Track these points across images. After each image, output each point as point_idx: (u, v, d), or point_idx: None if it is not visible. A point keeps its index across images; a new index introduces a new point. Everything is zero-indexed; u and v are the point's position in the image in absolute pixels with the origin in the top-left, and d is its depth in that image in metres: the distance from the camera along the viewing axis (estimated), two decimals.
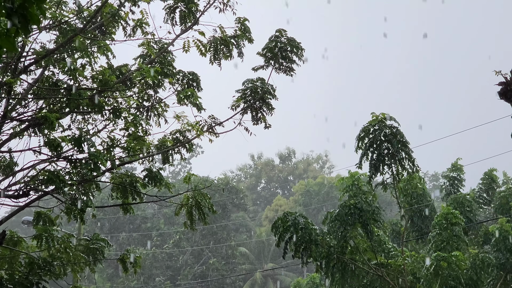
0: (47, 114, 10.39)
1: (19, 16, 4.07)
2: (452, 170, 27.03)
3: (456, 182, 26.74)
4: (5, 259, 13.51)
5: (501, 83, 9.13)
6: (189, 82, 13.89)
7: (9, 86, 11.80)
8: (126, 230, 65.04)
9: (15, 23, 4.08)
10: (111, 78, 11.72)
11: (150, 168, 12.94)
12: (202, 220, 13.38)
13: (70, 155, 11.51)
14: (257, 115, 14.00)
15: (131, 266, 14.38)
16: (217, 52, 13.53)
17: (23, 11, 4.10)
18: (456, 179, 26.80)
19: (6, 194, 11.65)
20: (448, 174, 27.09)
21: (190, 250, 60.87)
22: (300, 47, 14.32)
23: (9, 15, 4.05)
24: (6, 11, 4.05)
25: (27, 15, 4.10)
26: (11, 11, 4.06)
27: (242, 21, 13.65)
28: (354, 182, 19.10)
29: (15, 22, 4.09)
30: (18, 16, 4.07)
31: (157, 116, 13.51)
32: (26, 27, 4.16)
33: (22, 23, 4.10)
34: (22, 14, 4.09)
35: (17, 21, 4.08)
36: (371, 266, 19.02)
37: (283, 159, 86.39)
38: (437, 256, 17.92)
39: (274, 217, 49.72)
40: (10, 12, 4.06)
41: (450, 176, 26.90)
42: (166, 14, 13.24)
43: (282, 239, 18.39)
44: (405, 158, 18.03)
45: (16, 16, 4.06)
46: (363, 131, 18.22)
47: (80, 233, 23.23)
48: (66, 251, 13.50)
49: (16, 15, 4.05)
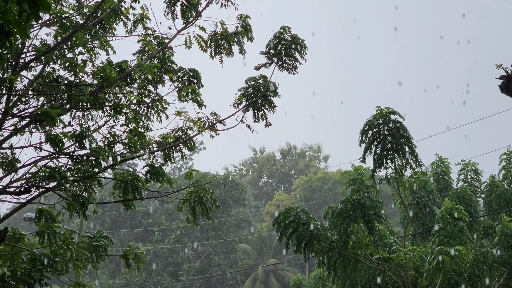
0: (48, 110, 10.35)
1: (29, 2, 4.06)
2: (438, 165, 26.95)
3: (445, 177, 26.72)
4: (7, 256, 13.50)
5: (502, 76, 9.08)
6: (189, 79, 13.83)
7: (10, 83, 11.76)
8: (127, 226, 65.09)
9: (25, 9, 4.06)
10: (112, 74, 11.67)
11: (152, 163, 12.90)
12: (205, 215, 13.35)
13: (72, 152, 11.47)
14: (259, 113, 13.96)
15: (133, 262, 14.38)
16: (218, 47, 13.47)
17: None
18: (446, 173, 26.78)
19: (8, 191, 11.62)
20: (437, 170, 26.97)
21: (191, 245, 60.90)
22: (304, 45, 14.23)
23: (20, 1, 4.03)
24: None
25: (37, 1, 4.09)
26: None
27: (244, 18, 13.58)
28: (358, 176, 19.08)
29: (25, 8, 4.08)
30: (28, 2, 4.06)
31: (157, 112, 13.46)
32: (36, 13, 4.15)
33: (32, 9, 4.09)
34: (32, 0, 4.09)
35: (27, 7, 4.07)
36: (373, 261, 19.01)
37: (284, 154, 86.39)
38: (439, 250, 17.89)
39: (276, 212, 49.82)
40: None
41: (440, 172, 26.83)
42: (167, 7, 13.17)
43: (284, 235, 18.37)
44: (409, 152, 18.00)
45: (27, 2, 4.05)
46: (367, 125, 18.18)
47: (82, 230, 23.23)
48: (68, 247, 13.49)
49: (26, 1, 4.05)
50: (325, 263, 18.79)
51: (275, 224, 18.76)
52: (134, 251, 14.52)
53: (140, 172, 13.20)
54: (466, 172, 26.70)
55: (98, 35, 12.88)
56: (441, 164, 26.92)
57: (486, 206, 24.65)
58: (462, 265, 17.96)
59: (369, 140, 18.08)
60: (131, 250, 14.53)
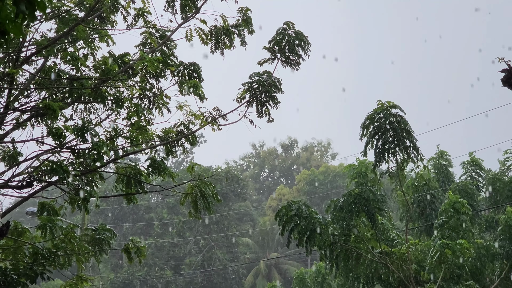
0: (50, 103, 10.34)
1: (25, 3, 4.05)
2: (439, 158, 26.93)
3: (445, 170, 26.70)
4: (10, 249, 13.52)
5: (504, 70, 9.05)
6: (190, 73, 13.80)
7: (11, 77, 11.74)
8: (129, 220, 65.23)
9: (23, 10, 4.05)
10: (113, 68, 11.64)
11: (154, 157, 12.89)
12: (207, 209, 13.35)
13: (73, 145, 11.46)
14: (262, 108, 13.93)
15: (135, 255, 14.40)
16: (218, 41, 13.43)
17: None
18: (446, 167, 26.76)
19: (10, 185, 11.62)
20: (438, 162, 26.93)
21: (193, 239, 61.00)
22: (307, 41, 14.21)
23: (16, 2, 4.03)
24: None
25: (34, 2, 4.08)
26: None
27: (245, 11, 13.54)
28: (363, 169, 19.09)
29: (22, 9, 4.07)
30: (25, 3, 4.05)
31: (159, 106, 13.44)
32: (33, 14, 4.14)
33: (29, 10, 4.08)
34: (28, 1, 4.07)
35: (24, 8, 4.06)
36: (375, 255, 19.02)
37: (286, 148, 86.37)
38: (442, 244, 17.89)
39: (278, 206, 49.71)
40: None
41: (441, 164, 26.80)
42: (166, 2, 13.12)
43: (286, 229, 18.38)
44: (410, 146, 17.98)
45: (23, 3, 4.04)
46: (368, 119, 18.15)
47: (84, 223, 23.25)
48: (71, 241, 13.51)
49: (23, 2, 4.04)
50: (327, 256, 18.80)
51: (277, 218, 18.77)
52: (136, 245, 14.54)
53: (142, 166, 13.20)
54: (469, 166, 26.67)
55: (98, 28, 12.85)
56: (440, 158, 26.85)
57: (490, 199, 24.59)
58: (464, 259, 17.97)
59: (371, 134, 18.06)
60: (132, 244, 14.55)
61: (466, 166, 26.76)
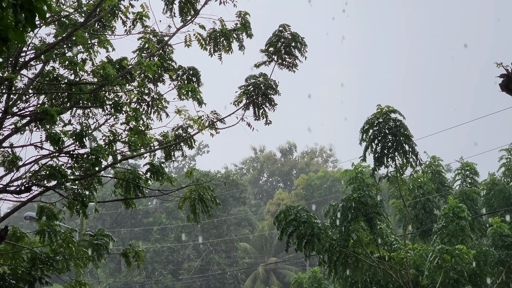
0: (48, 108, 10.33)
1: (25, 11, 4.06)
2: (431, 164, 26.85)
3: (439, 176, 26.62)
4: (8, 254, 13.50)
5: (502, 75, 9.05)
6: (189, 77, 13.80)
7: (10, 81, 11.74)
8: (127, 225, 65.12)
9: (20, 19, 4.06)
10: (112, 72, 11.65)
11: (152, 162, 12.89)
12: (205, 213, 13.34)
13: (72, 150, 11.45)
14: (259, 111, 13.93)
15: (134, 260, 14.37)
16: (217, 45, 13.44)
17: (29, 6, 4.09)
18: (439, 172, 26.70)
19: (8, 189, 11.61)
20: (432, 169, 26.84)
21: (191, 244, 60.92)
22: (304, 43, 14.20)
23: (15, 11, 4.03)
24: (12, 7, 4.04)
25: (34, 10, 4.08)
26: (15, 7, 4.05)
27: (243, 15, 13.56)
28: (357, 174, 19.06)
29: (20, 18, 4.07)
30: (25, 12, 4.06)
31: (157, 111, 13.44)
32: (32, 22, 4.14)
33: (28, 18, 4.09)
34: (28, 9, 4.08)
35: (22, 17, 4.06)
36: (374, 259, 19.00)
37: (285, 153, 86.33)
38: (440, 249, 17.88)
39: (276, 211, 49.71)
40: (15, 8, 4.04)
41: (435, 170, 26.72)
42: (165, 5, 13.13)
43: (285, 233, 18.37)
44: (409, 151, 17.99)
45: (22, 12, 4.05)
46: (367, 123, 18.17)
47: (83, 228, 23.21)
48: (69, 246, 13.49)
49: (22, 11, 4.04)
50: (325, 261, 18.79)
51: (275, 222, 18.76)
52: (134, 249, 14.52)
53: (141, 171, 13.19)
54: (463, 171, 26.65)
55: (97, 33, 12.86)
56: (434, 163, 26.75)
57: (486, 204, 24.59)
58: (462, 264, 17.95)
59: (370, 139, 18.07)
60: (131, 248, 14.53)
61: (461, 171, 26.73)
